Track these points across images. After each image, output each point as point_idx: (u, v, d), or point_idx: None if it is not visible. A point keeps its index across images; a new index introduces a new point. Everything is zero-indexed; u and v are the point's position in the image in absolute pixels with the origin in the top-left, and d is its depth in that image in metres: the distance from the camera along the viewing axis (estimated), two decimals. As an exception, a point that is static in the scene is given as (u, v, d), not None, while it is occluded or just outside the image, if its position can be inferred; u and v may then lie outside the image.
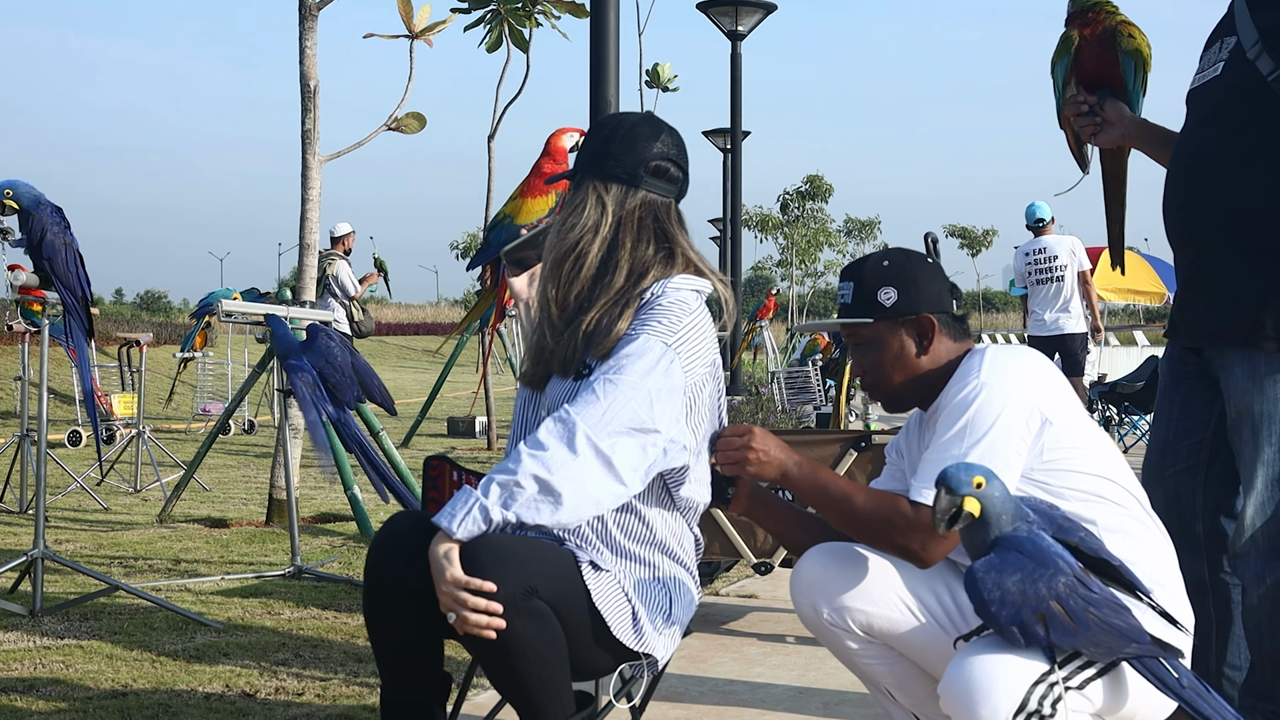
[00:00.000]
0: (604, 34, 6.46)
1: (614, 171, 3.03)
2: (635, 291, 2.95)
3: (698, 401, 2.94)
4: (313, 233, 7.81)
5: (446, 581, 2.64)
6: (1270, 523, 3.47)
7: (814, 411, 14.40)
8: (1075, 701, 2.70)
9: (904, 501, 2.91)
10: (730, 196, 18.38)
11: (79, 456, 11.93)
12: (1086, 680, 2.71)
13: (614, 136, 3.06)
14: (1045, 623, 2.61)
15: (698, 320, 2.95)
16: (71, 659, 4.59)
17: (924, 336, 3.05)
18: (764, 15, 15.53)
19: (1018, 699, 2.64)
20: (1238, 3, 3.50)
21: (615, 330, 2.90)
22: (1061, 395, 2.92)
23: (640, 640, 2.87)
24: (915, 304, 3.04)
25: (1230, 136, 3.46)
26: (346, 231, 15.55)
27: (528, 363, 3.07)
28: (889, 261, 3.09)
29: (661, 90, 16.26)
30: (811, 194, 64.09)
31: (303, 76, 7.79)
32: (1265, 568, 3.49)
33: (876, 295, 3.05)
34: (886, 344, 3.06)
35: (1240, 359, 3.47)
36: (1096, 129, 3.79)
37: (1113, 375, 17.84)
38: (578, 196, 3.06)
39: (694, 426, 2.94)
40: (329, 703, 4.16)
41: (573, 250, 3.01)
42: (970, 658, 2.69)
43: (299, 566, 6.16)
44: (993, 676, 2.65)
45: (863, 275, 3.09)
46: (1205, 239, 3.52)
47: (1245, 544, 3.53)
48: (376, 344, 42.05)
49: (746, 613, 5.66)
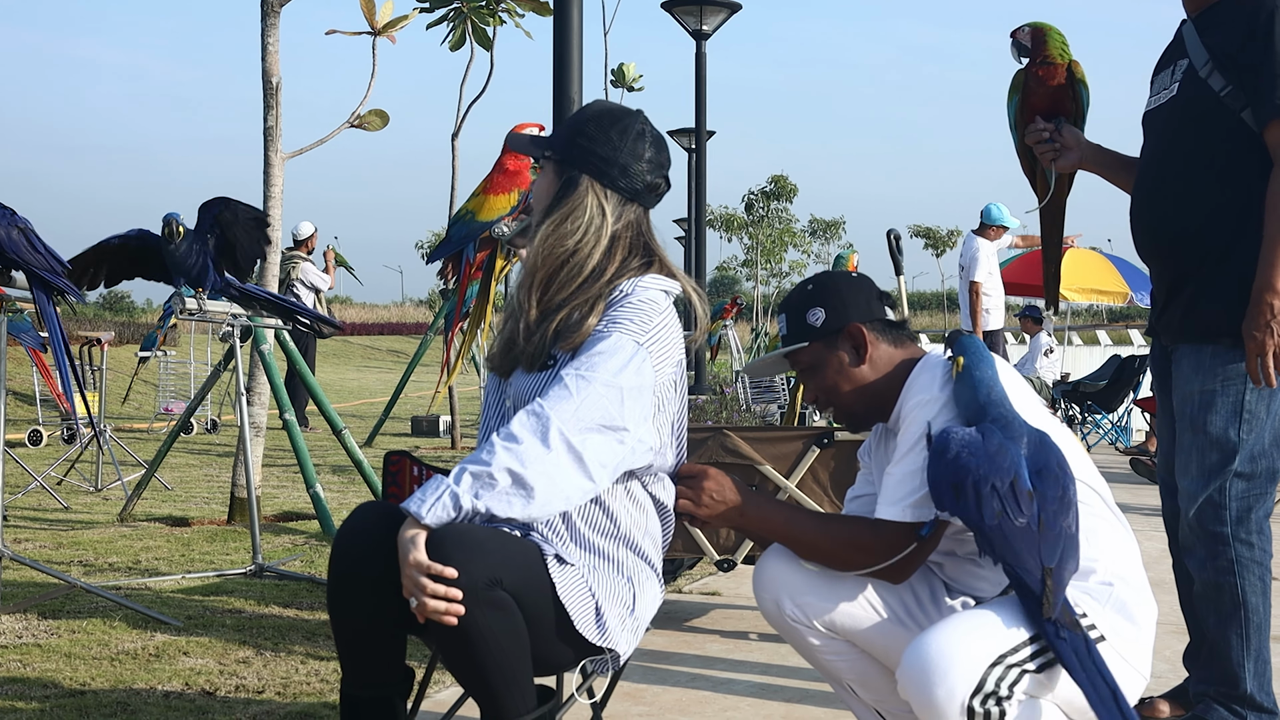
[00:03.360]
0: (568, 32, 6.45)
1: (618, 184, 3.03)
2: (607, 290, 2.96)
3: (665, 401, 2.95)
4: (275, 231, 7.77)
5: (410, 565, 2.62)
6: (1204, 510, 3.58)
7: (779, 410, 14.42)
8: (1032, 684, 2.71)
9: (866, 526, 2.94)
10: (695, 196, 18.39)
11: (39, 456, 11.85)
12: (1044, 665, 2.73)
13: (621, 146, 3.04)
14: (957, 494, 2.73)
15: (667, 320, 2.96)
16: (30, 658, 4.56)
17: (858, 346, 3.10)
18: (729, 14, 15.54)
19: (974, 680, 2.65)
20: (1186, 28, 3.72)
21: (585, 326, 2.91)
22: (1020, 401, 2.93)
23: (603, 635, 2.86)
24: (843, 317, 3.11)
25: (1186, 154, 3.65)
26: (310, 232, 15.52)
27: (497, 349, 3.06)
28: (812, 285, 3.19)
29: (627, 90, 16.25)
30: (776, 194, 64.13)
31: (264, 73, 7.75)
32: (1206, 555, 3.60)
33: (806, 318, 3.14)
34: (827, 362, 3.12)
35: (1189, 352, 3.62)
36: (1056, 154, 3.98)
37: (1076, 374, 17.95)
38: (577, 197, 3.02)
39: (659, 426, 2.94)
40: (289, 700, 4.14)
41: (571, 255, 2.99)
42: (927, 640, 2.71)
43: (260, 565, 6.13)
44: (949, 658, 2.66)
45: (791, 304, 3.19)
46: (1170, 252, 3.71)
47: (1187, 534, 3.64)
48: (341, 344, 41.95)
49: (709, 610, 5.66)
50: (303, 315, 6.56)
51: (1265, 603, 3.61)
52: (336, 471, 10.80)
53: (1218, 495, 3.56)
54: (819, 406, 3.18)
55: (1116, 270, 19.65)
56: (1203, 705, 3.68)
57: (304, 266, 15.19)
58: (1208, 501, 3.58)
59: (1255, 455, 3.55)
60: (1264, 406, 3.55)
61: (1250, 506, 3.57)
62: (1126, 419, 16.48)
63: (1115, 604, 2.87)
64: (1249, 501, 3.56)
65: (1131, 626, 2.87)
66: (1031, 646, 2.73)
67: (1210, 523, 3.59)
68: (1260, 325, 3.43)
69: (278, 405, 7.65)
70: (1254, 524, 3.58)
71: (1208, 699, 3.67)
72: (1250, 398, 3.54)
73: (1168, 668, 4.52)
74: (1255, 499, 3.56)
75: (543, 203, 3.07)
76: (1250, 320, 3.44)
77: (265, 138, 7.73)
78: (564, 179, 3.04)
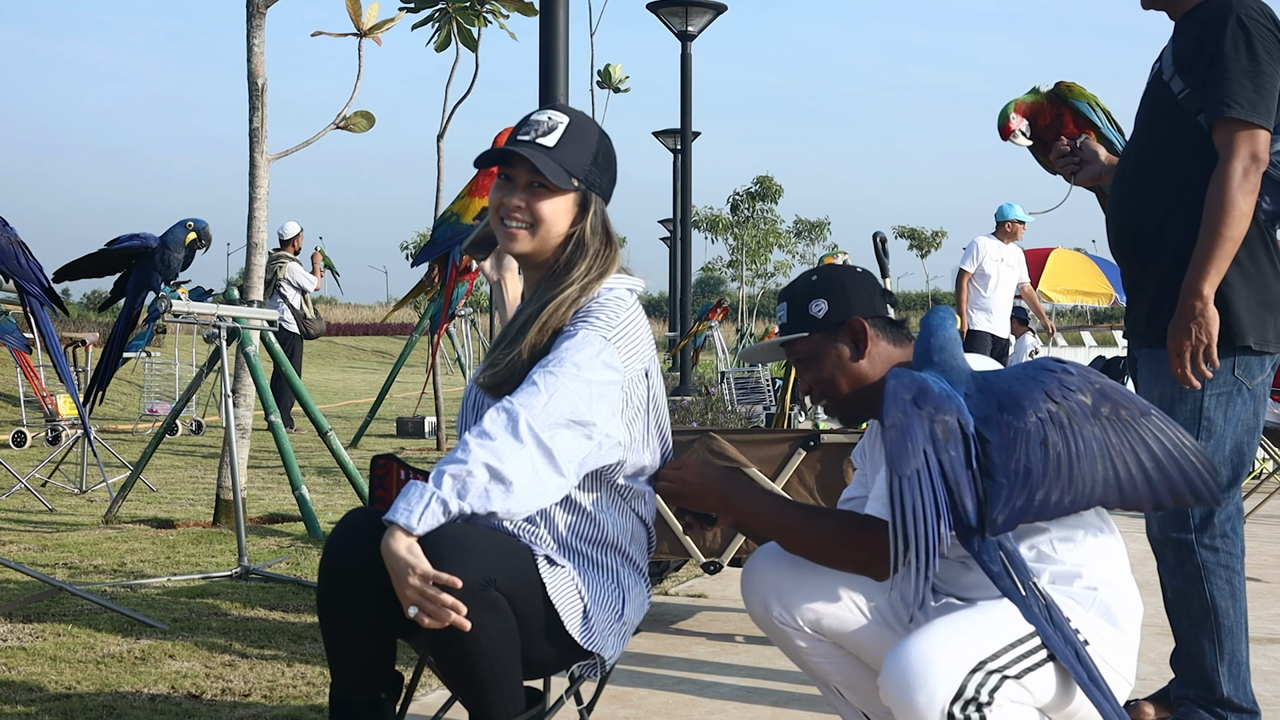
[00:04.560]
0: (554, 34, 6.46)
1: (607, 193, 3.06)
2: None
3: (633, 396, 2.94)
4: (260, 232, 7.76)
5: (416, 576, 2.59)
6: (1167, 518, 3.63)
7: (764, 412, 14.43)
8: (1014, 691, 2.72)
9: (856, 522, 2.94)
10: (680, 197, 18.41)
11: (23, 457, 11.82)
12: (1025, 670, 2.73)
13: (603, 154, 3.03)
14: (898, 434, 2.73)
15: (634, 316, 2.97)
16: (15, 661, 4.55)
17: (858, 340, 3.09)
18: (714, 16, 15.58)
19: (954, 686, 2.65)
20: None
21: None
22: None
23: (590, 638, 2.86)
24: (845, 311, 3.09)
25: (1149, 155, 3.71)
26: (296, 232, 15.51)
27: (490, 381, 2.98)
28: (816, 276, 3.17)
29: (613, 91, 16.28)
30: (761, 195, 64.28)
31: (250, 75, 7.74)
32: (1174, 562, 3.64)
33: (808, 308, 3.12)
34: (825, 354, 3.10)
35: (1149, 357, 3.69)
36: (1076, 168, 4.12)
37: (1060, 375, 17.95)
38: (598, 224, 3.02)
39: (629, 421, 2.94)
40: (276, 703, 4.13)
41: (568, 287, 2.97)
42: (908, 646, 2.70)
43: (246, 567, 6.12)
44: (929, 664, 2.66)
45: (794, 293, 3.17)
46: (1133, 251, 3.76)
47: (1156, 543, 3.67)
48: (325, 344, 41.89)
49: (695, 612, 5.66)
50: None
51: (1235, 606, 3.64)
52: (321, 473, 10.79)
53: None
54: (812, 398, 3.17)
55: (1101, 271, 19.74)
56: (1184, 709, 3.71)
57: (291, 267, 15.18)
58: (1170, 511, 3.60)
59: (1215, 462, 3.54)
60: (1221, 414, 3.58)
61: (1211, 511, 3.59)
62: (1111, 420, 16.49)
63: (1100, 609, 2.87)
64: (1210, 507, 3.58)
65: (1116, 632, 2.87)
66: (1013, 652, 2.74)
67: (1174, 530, 3.63)
68: (1181, 326, 3.46)
69: (263, 406, 7.63)
70: (1217, 529, 3.61)
71: (1189, 702, 3.70)
72: (1209, 404, 3.57)
73: (1152, 669, 4.54)
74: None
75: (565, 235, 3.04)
76: (1174, 320, 3.48)
77: (251, 139, 7.72)
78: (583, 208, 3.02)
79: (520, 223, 2.97)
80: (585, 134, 3.00)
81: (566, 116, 3.00)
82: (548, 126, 2.97)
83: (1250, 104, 3.44)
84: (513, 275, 3.40)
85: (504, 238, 3.01)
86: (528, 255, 3.01)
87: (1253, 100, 3.44)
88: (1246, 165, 3.44)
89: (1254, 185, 3.45)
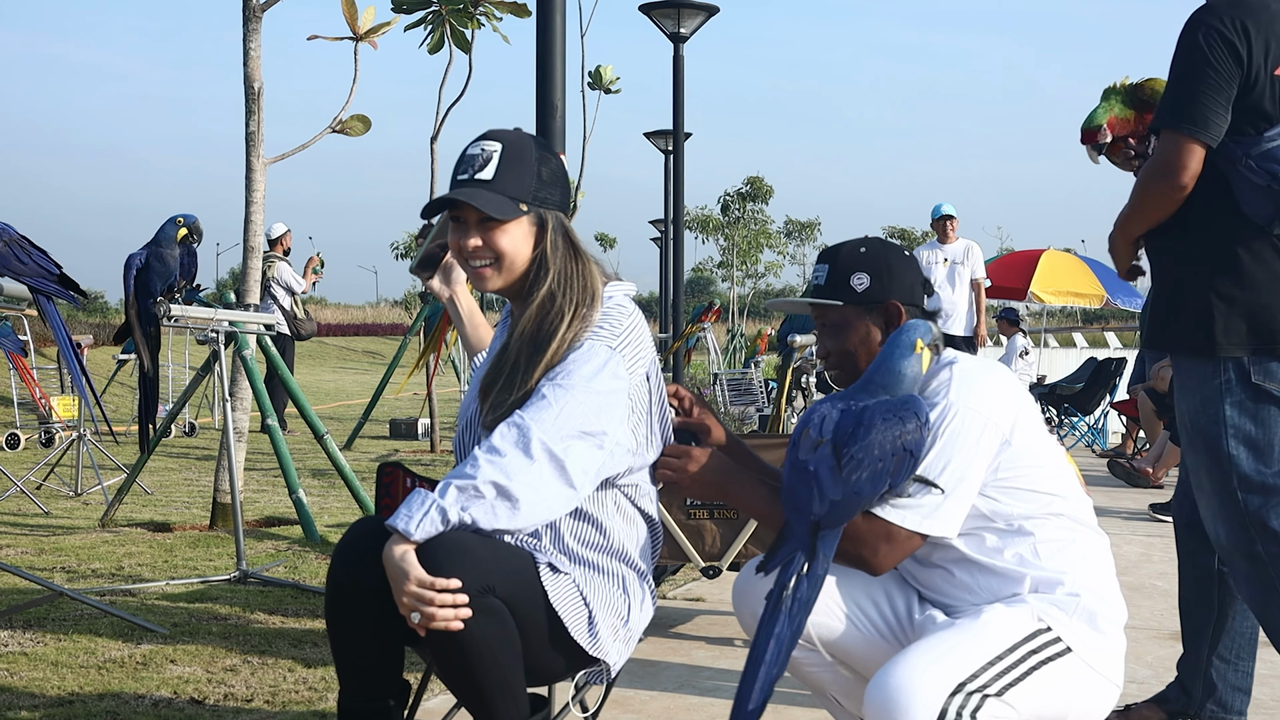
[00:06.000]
0: (550, 35, 6.47)
1: (562, 204, 3.03)
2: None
3: (638, 403, 2.96)
4: (256, 235, 7.76)
5: (410, 582, 2.63)
6: (1229, 530, 3.57)
7: (757, 413, 14.47)
8: (997, 708, 2.74)
9: (859, 518, 2.94)
10: (671, 198, 18.42)
11: (16, 460, 11.81)
12: (1006, 686, 2.76)
13: (547, 169, 2.99)
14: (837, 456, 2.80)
15: (635, 322, 2.98)
16: (16, 667, 4.56)
17: (891, 325, 3.08)
18: (706, 18, 15.58)
19: (935, 711, 2.68)
20: None
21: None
22: (1022, 413, 2.95)
23: (595, 645, 2.88)
24: (886, 291, 3.08)
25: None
26: (283, 232, 15.49)
27: (491, 421, 2.90)
28: (866, 248, 3.13)
29: (604, 92, 16.24)
30: (752, 195, 64.27)
31: (246, 79, 7.74)
32: (1248, 573, 3.58)
33: (849, 280, 3.10)
34: (854, 328, 3.10)
35: (1176, 366, 3.74)
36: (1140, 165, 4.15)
37: (1052, 377, 18.02)
38: (559, 240, 2.99)
39: (634, 427, 2.96)
40: (278, 709, 4.15)
41: (558, 319, 2.93)
42: (887, 674, 2.73)
43: (244, 571, 6.12)
44: (910, 690, 2.69)
45: (839, 259, 3.13)
46: (1151, 257, 3.81)
47: (1223, 550, 3.63)
48: (316, 345, 41.81)
49: (694, 616, 5.68)
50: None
51: None
52: (316, 475, 10.79)
53: (1233, 514, 3.56)
54: (828, 366, 3.16)
55: (1092, 272, 19.75)
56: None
57: (280, 267, 15.16)
58: (1227, 522, 3.58)
59: (1253, 468, 3.53)
60: (1248, 419, 3.54)
61: (1265, 518, 3.52)
62: (1103, 422, 16.55)
63: (1083, 614, 2.89)
64: (1265, 513, 3.52)
65: (1099, 636, 2.89)
66: (992, 670, 2.76)
67: (1239, 542, 3.57)
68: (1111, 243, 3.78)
69: (260, 410, 7.64)
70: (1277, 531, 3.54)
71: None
72: (1231, 412, 3.54)
73: (1150, 673, 4.56)
74: (1272, 509, 3.52)
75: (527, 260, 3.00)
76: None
77: (247, 143, 7.72)
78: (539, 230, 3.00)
79: (483, 260, 2.95)
80: (521, 155, 2.95)
81: (499, 143, 2.95)
82: (482, 160, 2.94)
83: (1176, 114, 3.50)
84: (463, 288, 3.41)
85: (474, 279, 2.99)
86: (502, 290, 3.00)
87: (1183, 110, 3.49)
88: (1153, 168, 3.57)
89: (1159, 189, 3.56)
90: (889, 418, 2.78)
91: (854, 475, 2.76)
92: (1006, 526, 2.92)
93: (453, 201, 2.92)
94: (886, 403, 2.82)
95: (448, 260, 3.37)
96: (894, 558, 2.87)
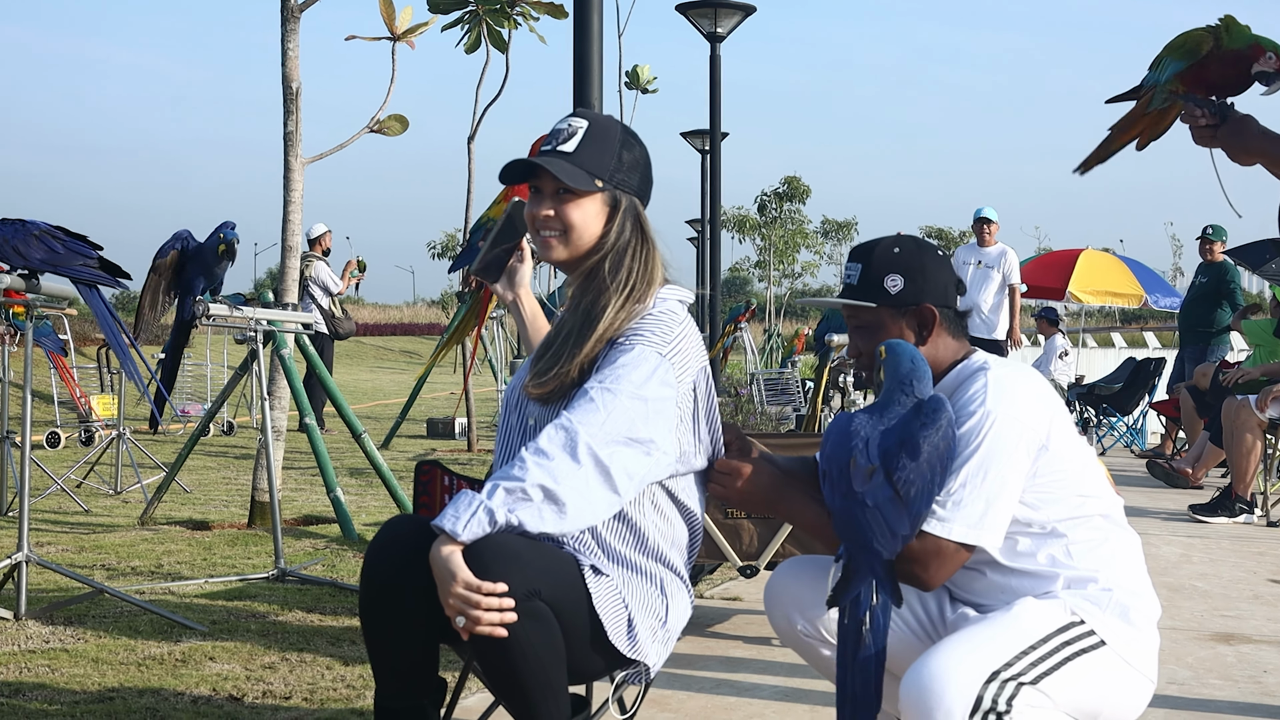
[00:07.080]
0: (587, 36, 6.46)
1: (639, 190, 3.06)
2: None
3: (686, 411, 2.95)
4: (295, 235, 7.79)
5: (457, 584, 2.63)
6: None
7: (794, 413, 14.43)
8: (1032, 697, 2.73)
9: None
10: (709, 198, 18.41)
11: (57, 458, 11.89)
12: (1041, 675, 2.75)
13: (629, 153, 3.03)
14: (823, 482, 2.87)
15: (687, 330, 2.98)
16: (58, 663, 4.59)
17: (924, 327, 3.05)
18: (743, 17, 15.54)
19: (971, 697, 2.68)
20: None
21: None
22: (1056, 418, 2.94)
23: (634, 647, 2.88)
24: (920, 294, 3.05)
25: None
26: (323, 232, 15.55)
27: (536, 387, 2.97)
28: (900, 249, 3.09)
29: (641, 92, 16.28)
30: (789, 195, 64.06)
31: (284, 79, 7.76)
32: None
33: (883, 281, 3.06)
34: (886, 330, 3.06)
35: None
36: (1213, 134, 3.58)
37: (1090, 377, 17.93)
38: (628, 223, 3.03)
39: (680, 435, 2.95)
40: (317, 706, 4.16)
41: (614, 295, 2.97)
42: (923, 664, 2.74)
43: (282, 569, 6.14)
44: (945, 679, 2.68)
45: (872, 259, 3.09)
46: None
47: None
48: (354, 345, 41.95)
49: (731, 615, 5.67)
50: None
51: None
52: (354, 474, 10.82)
53: None
54: (860, 365, 3.14)
55: (1130, 272, 19.65)
56: None
57: (318, 266, 15.21)
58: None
59: None
60: None
61: None
62: (1142, 422, 16.47)
63: (1116, 609, 2.88)
64: None
65: (1132, 629, 2.89)
66: (1027, 658, 2.76)
67: None
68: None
69: (298, 409, 7.67)
70: None
71: None
72: None
73: (1190, 674, 4.53)
74: None
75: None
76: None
77: (285, 143, 7.75)
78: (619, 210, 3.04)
79: (553, 231, 2.99)
80: (606, 135, 3.01)
81: (586, 120, 3.01)
82: (568, 134, 2.99)
83: None
84: (526, 291, 3.43)
85: (541, 248, 3.03)
86: (565, 263, 3.02)
87: None
88: None
89: None
90: (927, 427, 2.77)
91: (911, 496, 2.75)
92: (1040, 530, 2.91)
93: (532, 167, 2.95)
94: (917, 410, 2.81)
95: (511, 263, 3.38)
96: (945, 572, 2.86)
